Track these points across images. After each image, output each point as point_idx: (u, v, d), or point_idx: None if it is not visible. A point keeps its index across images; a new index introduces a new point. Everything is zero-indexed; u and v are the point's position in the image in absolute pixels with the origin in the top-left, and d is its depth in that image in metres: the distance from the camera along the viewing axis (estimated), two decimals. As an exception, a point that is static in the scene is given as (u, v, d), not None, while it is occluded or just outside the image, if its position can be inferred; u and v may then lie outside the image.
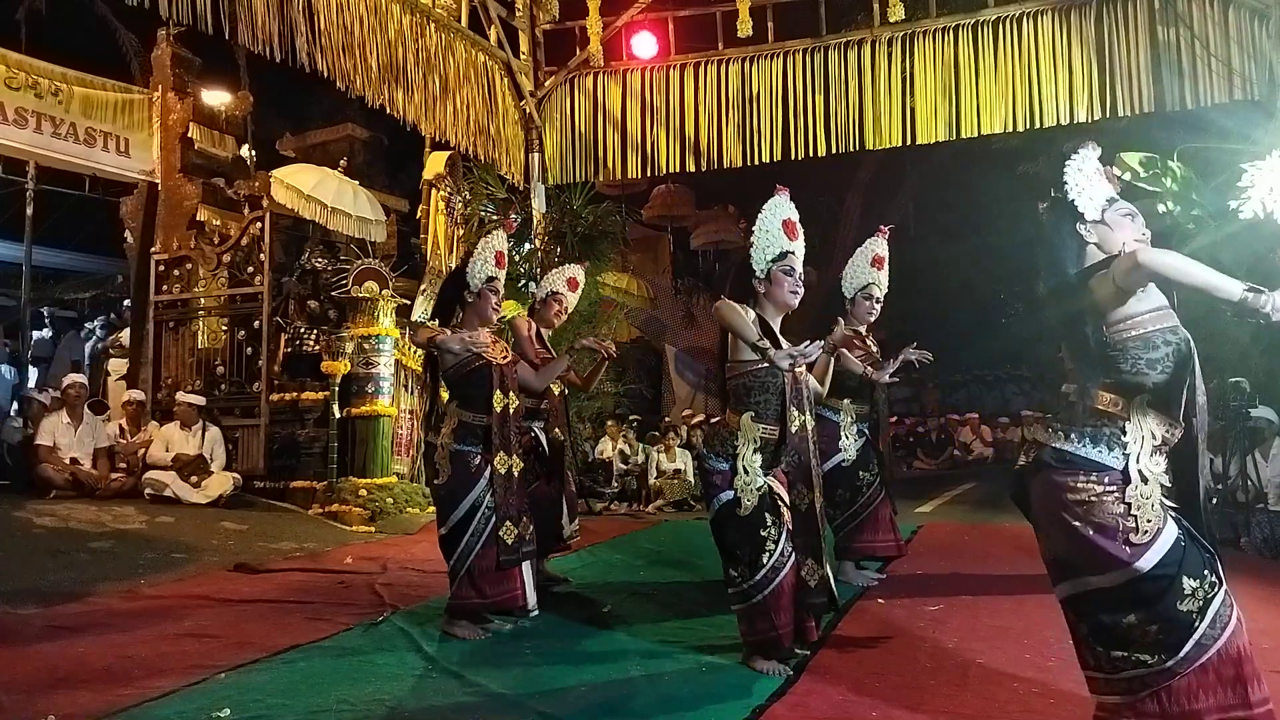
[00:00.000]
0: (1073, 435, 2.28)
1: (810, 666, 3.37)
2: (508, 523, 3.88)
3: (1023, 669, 3.31)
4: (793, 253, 3.39)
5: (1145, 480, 2.20)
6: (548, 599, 4.70)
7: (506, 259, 4.21)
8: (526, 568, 3.96)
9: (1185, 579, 2.15)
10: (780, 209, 3.42)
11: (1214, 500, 6.23)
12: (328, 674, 3.38)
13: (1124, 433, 2.23)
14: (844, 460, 4.83)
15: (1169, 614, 2.15)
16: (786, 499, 3.40)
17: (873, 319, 4.96)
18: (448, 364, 3.95)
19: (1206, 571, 2.18)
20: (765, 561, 3.25)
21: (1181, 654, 2.14)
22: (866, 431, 4.95)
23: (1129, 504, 2.19)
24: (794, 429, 3.31)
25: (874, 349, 4.96)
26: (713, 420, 3.46)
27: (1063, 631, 3.79)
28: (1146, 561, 2.16)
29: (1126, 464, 2.21)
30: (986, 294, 20.74)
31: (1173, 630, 2.15)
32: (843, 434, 4.85)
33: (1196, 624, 2.14)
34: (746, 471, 3.29)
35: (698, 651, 3.64)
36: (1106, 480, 2.22)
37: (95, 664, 3.49)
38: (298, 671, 3.41)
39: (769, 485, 3.35)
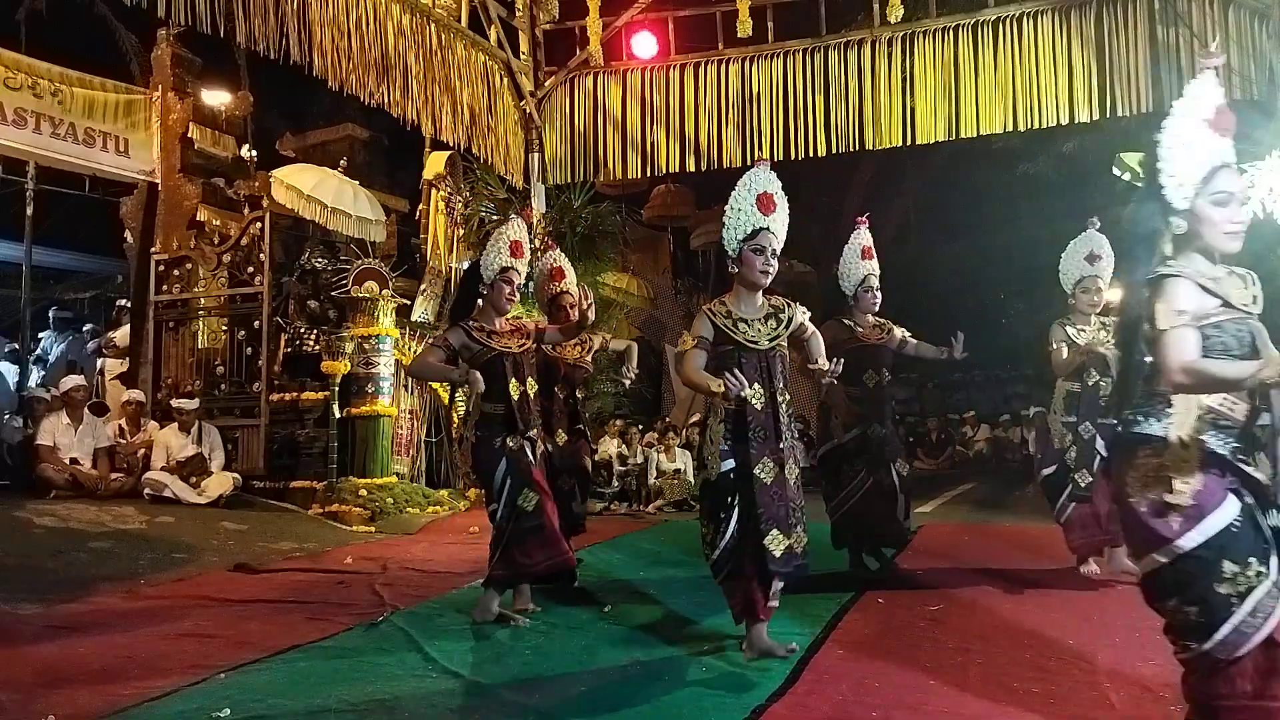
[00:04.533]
0: (1127, 413, 2.28)
1: (810, 666, 3.37)
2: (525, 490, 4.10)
3: (1023, 669, 3.31)
4: (766, 229, 3.37)
5: (1185, 446, 2.14)
6: (551, 598, 4.70)
7: (527, 250, 4.22)
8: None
9: (1225, 562, 2.09)
10: (756, 182, 3.39)
11: None
12: (328, 674, 3.38)
13: (1169, 404, 2.19)
14: (833, 447, 5.04)
15: (1205, 596, 2.10)
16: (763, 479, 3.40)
17: (876, 308, 5.11)
18: (463, 356, 4.07)
19: (1253, 559, 2.10)
20: (719, 543, 3.36)
21: (1217, 638, 2.09)
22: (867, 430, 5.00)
23: (1170, 471, 2.14)
24: (754, 402, 3.34)
25: (894, 334, 5.10)
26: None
27: (1062, 631, 3.81)
28: (1189, 540, 2.11)
29: (1169, 432, 2.17)
30: (986, 294, 20.75)
31: (1209, 614, 2.10)
32: (834, 416, 5.05)
33: (1234, 609, 2.08)
34: (711, 441, 3.41)
35: (698, 651, 3.64)
36: (1154, 451, 2.18)
37: (95, 664, 3.49)
38: (298, 671, 3.41)
39: (738, 466, 3.38)
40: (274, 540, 6.41)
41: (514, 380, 4.08)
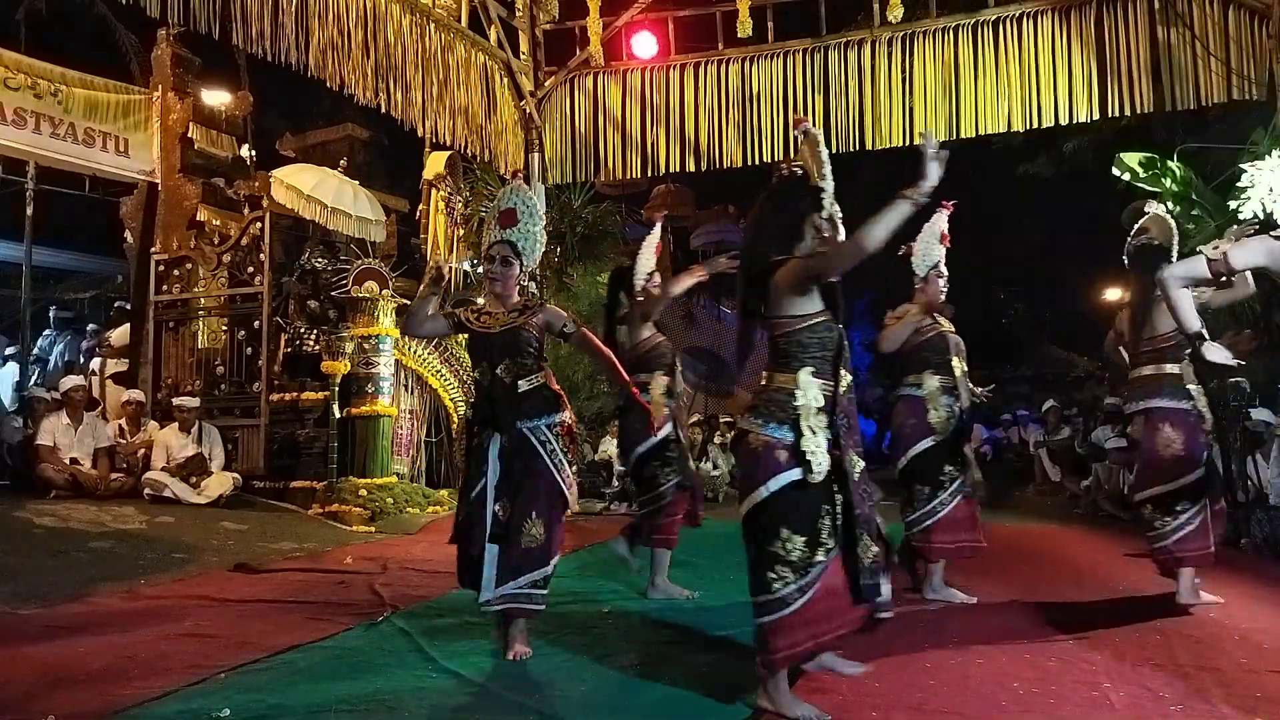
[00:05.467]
0: None
1: (810, 667, 3.37)
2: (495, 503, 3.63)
3: (1022, 669, 3.31)
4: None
5: None
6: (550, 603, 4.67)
7: (519, 215, 3.77)
8: (490, 558, 3.57)
9: None
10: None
11: None
12: (328, 674, 3.38)
13: None
14: (933, 441, 4.45)
15: None
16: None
17: (943, 296, 4.80)
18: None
19: None
20: (820, 558, 2.75)
21: None
22: (956, 409, 4.52)
23: None
24: (843, 389, 2.89)
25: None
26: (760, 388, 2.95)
27: (1062, 631, 3.81)
28: None
29: None
30: (986, 294, 20.78)
31: None
32: (930, 408, 4.46)
33: None
34: (814, 432, 2.78)
35: (698, 651, 3.64)
36: None
37: (95, 664, 3.49)
38: (298, 671, 3.41)
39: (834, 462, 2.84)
40: (274, 540, 6.41)
41: (483, 364, 3.72)
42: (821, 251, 2.91)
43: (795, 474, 2.77)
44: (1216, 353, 3.52)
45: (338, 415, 7.80)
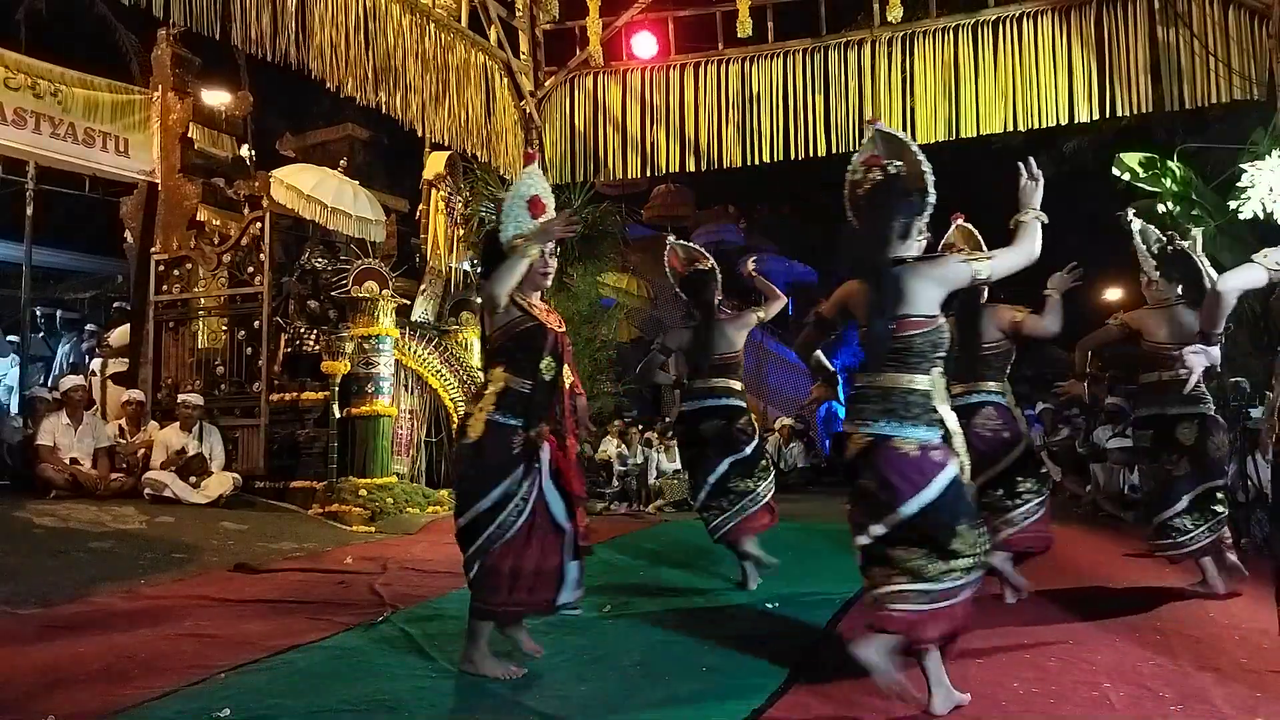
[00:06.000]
0: None
1: (810, 666, 3.37)
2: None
3: (1023, 669, 3.31)
4: None
5: None
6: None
7: (544, 200, 3.45)
8: (572, 567, 3.41)
9: None
10: None
11: None
12: (328, 674, 3.38)
13: None
14: (1026, 448, 4.45)
15: None
16: None
17: None
18: (496, 324, 3.36)
19: None
20: (983, 546, 2.78)
21: None
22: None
23: None
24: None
25: None
26: (872, 387, 2.87)
27: (1063, 631, 3.81)
28: None
29: None
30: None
31: None
32: (1016, 415, 4.53)
33: None
34: (955, 433, 2.84)
35: (698, 651, 3.64)
36: None
37: (95, 664, 3.49)
38: (298, 671, 3.41)
39: None
40: (274, 540, 6.40)
41: (549, 358, 3.36)
42: (987, 256, 3.03)
43: (954, 470, 2.79)
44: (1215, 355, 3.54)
45: (338, 415, 7.80)
